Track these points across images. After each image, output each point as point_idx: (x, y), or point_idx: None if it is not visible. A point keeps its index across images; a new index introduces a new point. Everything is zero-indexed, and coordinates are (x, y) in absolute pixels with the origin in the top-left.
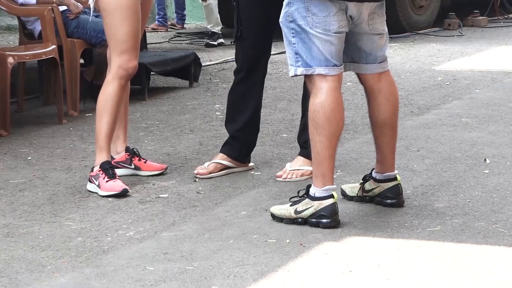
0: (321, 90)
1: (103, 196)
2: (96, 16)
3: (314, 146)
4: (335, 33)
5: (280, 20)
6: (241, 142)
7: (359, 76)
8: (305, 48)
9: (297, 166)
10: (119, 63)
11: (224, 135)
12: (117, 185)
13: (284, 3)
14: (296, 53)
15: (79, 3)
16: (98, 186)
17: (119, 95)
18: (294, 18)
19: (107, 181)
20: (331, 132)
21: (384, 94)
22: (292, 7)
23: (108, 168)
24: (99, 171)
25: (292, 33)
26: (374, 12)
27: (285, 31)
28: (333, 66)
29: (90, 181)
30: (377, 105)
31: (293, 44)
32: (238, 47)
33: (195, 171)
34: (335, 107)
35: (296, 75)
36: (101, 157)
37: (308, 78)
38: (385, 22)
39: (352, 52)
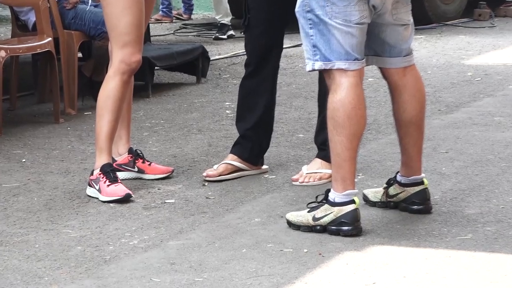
0: (341, 86)
1: (104, 202)
2: (95, 6)
3: (334, 147)
4: (356, 24)
5: (296, 9)
6: (252, 142)
7: (382, 70)
8: (324, 41)
9: (315, 169)
10: (121, 57)
11: (235, 135)
12: (119, 190)
13: None
14: (314, 46)
15: None
16: (99, 190)
17: (121, 92)
18: (311, 8)
19: (108, 185)
20: (352, 132)
21: (409, 90)
22: None
23: (109, 171)
24: (100, 174)
25: (310, 24)
26: (398, 1)
27: (301, 22)
28: (354, 60)
29: (90, 185)
30: (402, 103)
31: (311, 36)
32: (246, 38)
33: (204, 174)
34: (356, 105)
35: (314, 70)
36: (102, 159)
37: (327, 73)
38: (411, 11)
39: (375, 44)
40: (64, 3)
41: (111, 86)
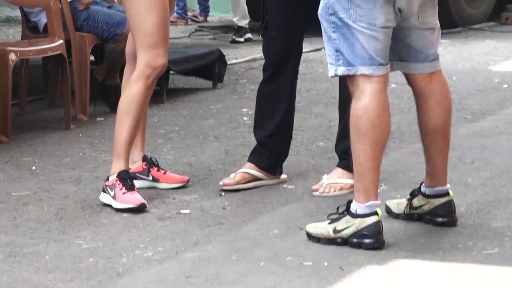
0: (364, 92)
1: (117, 210)
2: (109, 7)
3: (356, 156)
4: (381, 27)
5: (319, 12)
6: (270, 150)
7: (407, 76)
8: (347, 45)
9: (336, 178)
10: (146, 60)
11: (253, 142)
12: (135, 198)
13: None
14: (337, 50)
15: None
16: (113, 197)
17: (144, 97)
18: (335, 11)
19: (124, 193)
20: (375, 140)
21: (435, 97)
22: None
23: (127, 178)
24: (116, 180)
25: (333, 27)
26: (424, 4)
27: (324, 25)
28: (378, 65)
29: (104, 191)
30: (428, 110)
31: (334, 40)
32: (264, 40)
33: (220, 183)
34: (381, 112)
35: (336, 76)
36: (119, 165)
37: (350, 79)
38: (437, 15)
39: (400, 49)
40: (76, 4)
41: (134, 90)
